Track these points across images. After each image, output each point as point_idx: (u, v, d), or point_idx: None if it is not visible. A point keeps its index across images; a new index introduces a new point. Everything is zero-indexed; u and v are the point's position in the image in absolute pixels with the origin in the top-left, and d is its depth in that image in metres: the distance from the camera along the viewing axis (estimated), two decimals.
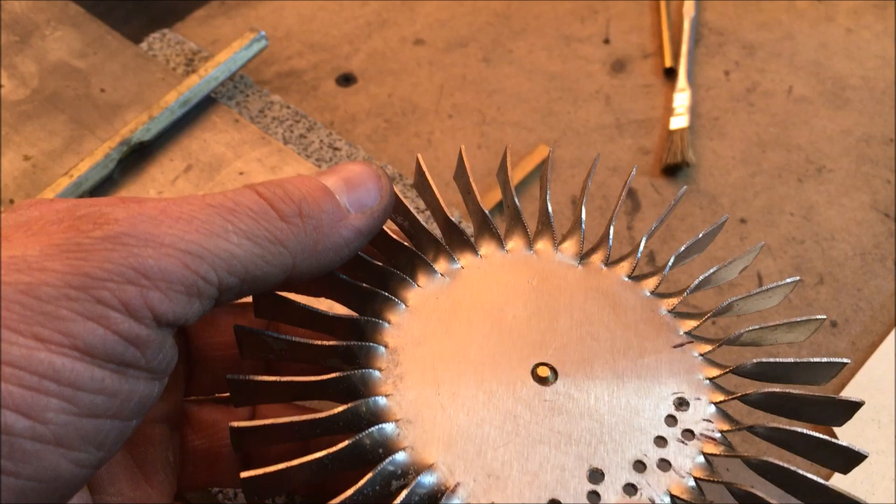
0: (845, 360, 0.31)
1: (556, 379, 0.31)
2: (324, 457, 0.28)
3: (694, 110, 0.60)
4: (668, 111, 0.59)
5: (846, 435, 0.45)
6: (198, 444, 0.33)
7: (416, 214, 0.34)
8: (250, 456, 0.35)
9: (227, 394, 0.34)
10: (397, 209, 0.34)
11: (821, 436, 0.29)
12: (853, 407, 0.30)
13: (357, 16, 0.67)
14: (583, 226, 0.36)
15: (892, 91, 0.61)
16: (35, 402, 0.21)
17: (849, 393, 0.28)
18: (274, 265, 0.27)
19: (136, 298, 0.23)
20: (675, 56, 0.62)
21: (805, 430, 0.30)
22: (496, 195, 0.53)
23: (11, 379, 0.21)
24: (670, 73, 0.62)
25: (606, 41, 0.65)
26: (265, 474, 0.28)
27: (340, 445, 0.29)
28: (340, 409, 0.29)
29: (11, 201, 0.46)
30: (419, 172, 0.36)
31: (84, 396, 0.22)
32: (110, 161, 0.46)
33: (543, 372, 0.31)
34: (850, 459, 0.29)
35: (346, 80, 0.62)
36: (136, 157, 0.48)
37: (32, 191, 0.45)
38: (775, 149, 0.58)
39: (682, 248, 0.34)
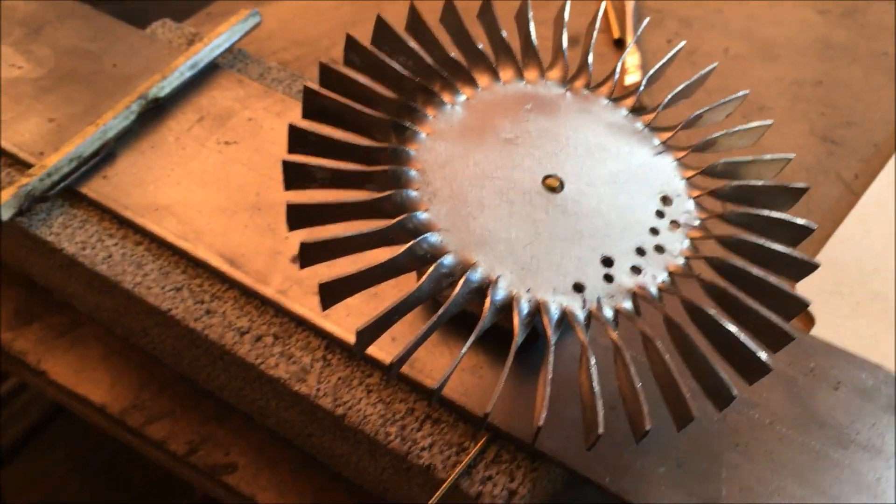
0: (790, 156, 0.37)
1: (562, 188, 0.36)
2: (387, 261, 0.33)
3: (644, 69, 0.66)
4: (623, 71, 0.66)
5: (814, 306, 0.51)
6: None
7: (420, 52, 0.39)
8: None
9: None
10: (401, 50, 0.39)
11: (779, 214, 0.35)
12: (798, 192, 0.35)
13: (331, 18, 0.73)
14: (565, 53, 0.41)
15: (815, 46, 0.69)
16: None
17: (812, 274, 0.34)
18: None
19: None
20: (622, 30, 0.70)
21: (768, 212, 0.35)
22: None
23: None
24: (619, 44, 0.69)
25: None
26: (339, 279, 0.32)
27: (401, 250, 0.33)
28: (391, 222, 0.34)
29: (41, 153, 0.50)
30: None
31: None
32: (131, 113, 0.51)
33: (553, 182, 0.36)
34: (799, 232, 0.35)
35: None
36: (153, 113, 0.52)
37: (59, 144, 0.49)
38: (720, 95, 0.64)
39: (653, 71, 0.40)
